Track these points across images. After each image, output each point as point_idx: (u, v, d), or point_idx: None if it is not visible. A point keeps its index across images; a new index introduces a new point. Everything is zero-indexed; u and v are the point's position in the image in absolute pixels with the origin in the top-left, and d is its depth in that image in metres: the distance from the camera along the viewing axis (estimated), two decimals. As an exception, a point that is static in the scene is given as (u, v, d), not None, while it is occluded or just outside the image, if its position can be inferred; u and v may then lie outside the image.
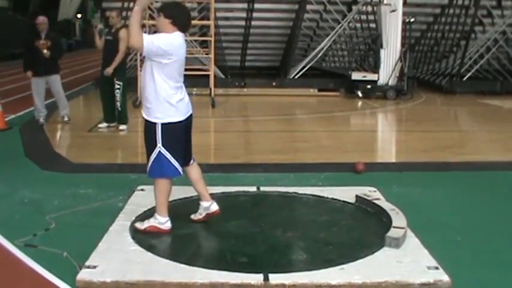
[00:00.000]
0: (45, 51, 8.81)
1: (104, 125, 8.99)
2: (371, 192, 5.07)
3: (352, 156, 6.91)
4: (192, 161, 4.39)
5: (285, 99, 13.70)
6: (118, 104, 8.70)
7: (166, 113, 4.04)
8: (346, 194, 5.10)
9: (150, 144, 4.10)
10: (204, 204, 4.42)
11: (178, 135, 4.14)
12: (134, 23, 3.87)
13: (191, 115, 4.26)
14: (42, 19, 9.03)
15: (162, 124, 4.04)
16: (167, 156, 4.06)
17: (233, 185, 5.41)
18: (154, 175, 4.15)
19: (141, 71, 4.25)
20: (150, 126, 4.09)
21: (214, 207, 4.41)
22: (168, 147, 4.06)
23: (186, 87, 4.23)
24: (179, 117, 4.10)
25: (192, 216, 4.46)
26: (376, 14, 14.10)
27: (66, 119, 9.44)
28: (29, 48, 9.08)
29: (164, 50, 3.95)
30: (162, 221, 4.19)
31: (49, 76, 9.07)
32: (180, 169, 4.14)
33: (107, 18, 9.39)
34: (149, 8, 14.34)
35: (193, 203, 4.89)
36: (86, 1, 39.24)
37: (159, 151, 4.05)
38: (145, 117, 4.12)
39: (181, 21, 4.11)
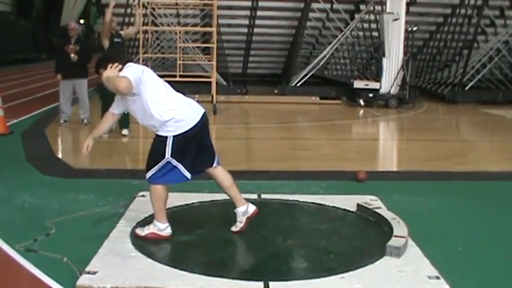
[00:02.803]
0: (72, 55, 9.28)
1: (106, 129, 9.02)
2: (372, 201, 5.06)
3: (354, 165, 6.90)
4: (215, 164, 4.35)
5: (286, 106, 13.71)
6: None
7: (176, 125, 4.02)
8: (347, 202, 5.09)
9: (157, 155, 4.06)
10: (240, 209, 4.32)
11: (190, 143, 4.09)
12: (114, 77, 3.99)
13: (204, 114, 4.21)
14: (73, 25, 9.65)
15: (174, 136, 4.02)
16: (176, 166, 4.04)
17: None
18: (155, 181, 4.11)
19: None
20: (160, 140, 4.06)
21: (251, 208, 4.33)
22: (178, 157, 4.03)
23: (188, 93, 4.22)
24: (190, 123, 4.08)
25: (233, 229, 4.34)
26: (379, 22, 14.15)
27: (85, 121, 9.78)
28: (59, 52, 9.74)
29: (139, 74, 4.01)
30: (161, 227, 4.18)
31: (76, 80, 9.55)
32: (188, 175, 4.11)
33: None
34: (152, 14, 14.45)
35: (193, 209, 4.91)
36: (88, 7, 39.34)
37: (168, 161, 4.03)
38: (158, 133, 4.11)
39: (118, 59, 4.16)
